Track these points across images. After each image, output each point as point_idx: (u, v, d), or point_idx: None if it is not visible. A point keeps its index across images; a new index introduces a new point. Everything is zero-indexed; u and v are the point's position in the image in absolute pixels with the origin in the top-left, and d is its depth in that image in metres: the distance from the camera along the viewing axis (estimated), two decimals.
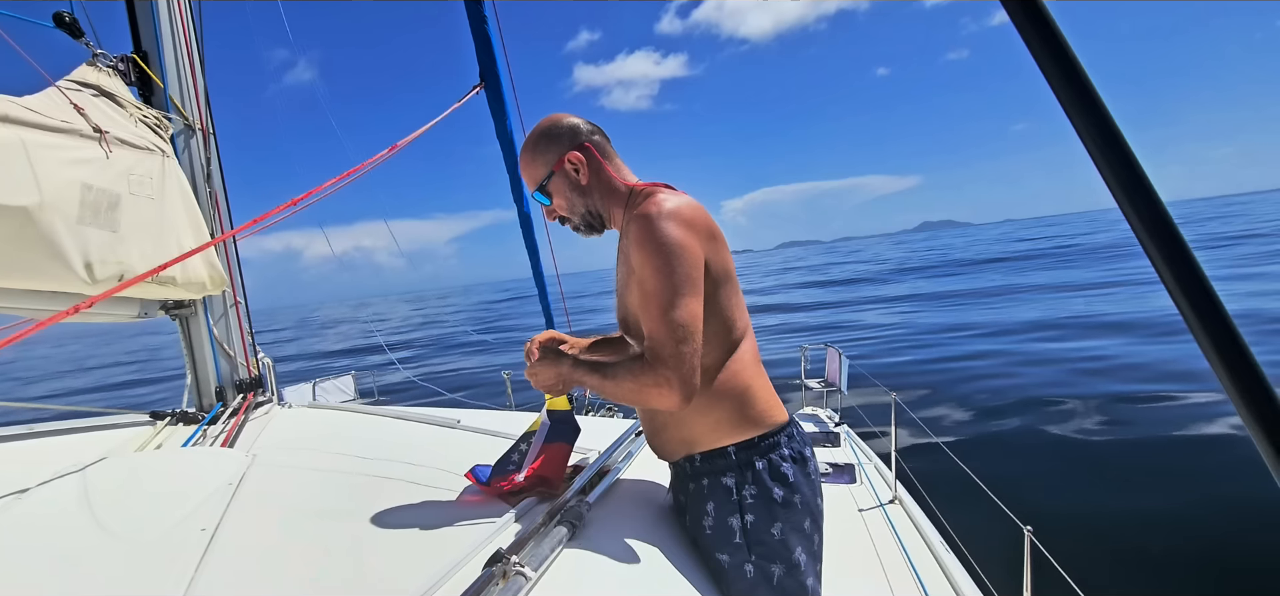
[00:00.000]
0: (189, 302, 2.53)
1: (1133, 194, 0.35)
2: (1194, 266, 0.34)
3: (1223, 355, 0.34)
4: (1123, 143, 0.35)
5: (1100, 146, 0.35)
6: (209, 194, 2.59)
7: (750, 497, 1.22)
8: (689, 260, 1.16)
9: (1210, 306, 0.34)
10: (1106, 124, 0.35)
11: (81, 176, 1.99)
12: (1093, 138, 0.35)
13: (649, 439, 1.40)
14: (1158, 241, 0.34)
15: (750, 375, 1.28)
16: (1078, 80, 0.36)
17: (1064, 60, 0.36)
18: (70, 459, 1.64)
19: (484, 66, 3.40)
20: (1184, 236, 0.34)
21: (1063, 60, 0.37)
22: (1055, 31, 0.37)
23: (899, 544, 2.42)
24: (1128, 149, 0.35)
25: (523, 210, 3.78)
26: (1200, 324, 0.35)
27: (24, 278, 1.90)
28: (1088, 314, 13.20)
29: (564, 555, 1.10)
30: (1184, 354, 8.40)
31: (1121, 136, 0.35)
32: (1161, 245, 0.34)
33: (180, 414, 2.41)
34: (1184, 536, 3.99)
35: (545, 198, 1.36)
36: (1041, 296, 16.82)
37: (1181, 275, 0.34)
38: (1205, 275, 0.35)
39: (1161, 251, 0.34)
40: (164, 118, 2.41)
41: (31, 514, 1.34)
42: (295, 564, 1.12)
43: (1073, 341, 10.49)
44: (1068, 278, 21.07)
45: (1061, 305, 14.95)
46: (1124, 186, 0.35)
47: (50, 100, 2.05)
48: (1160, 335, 9.93)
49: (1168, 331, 10.04)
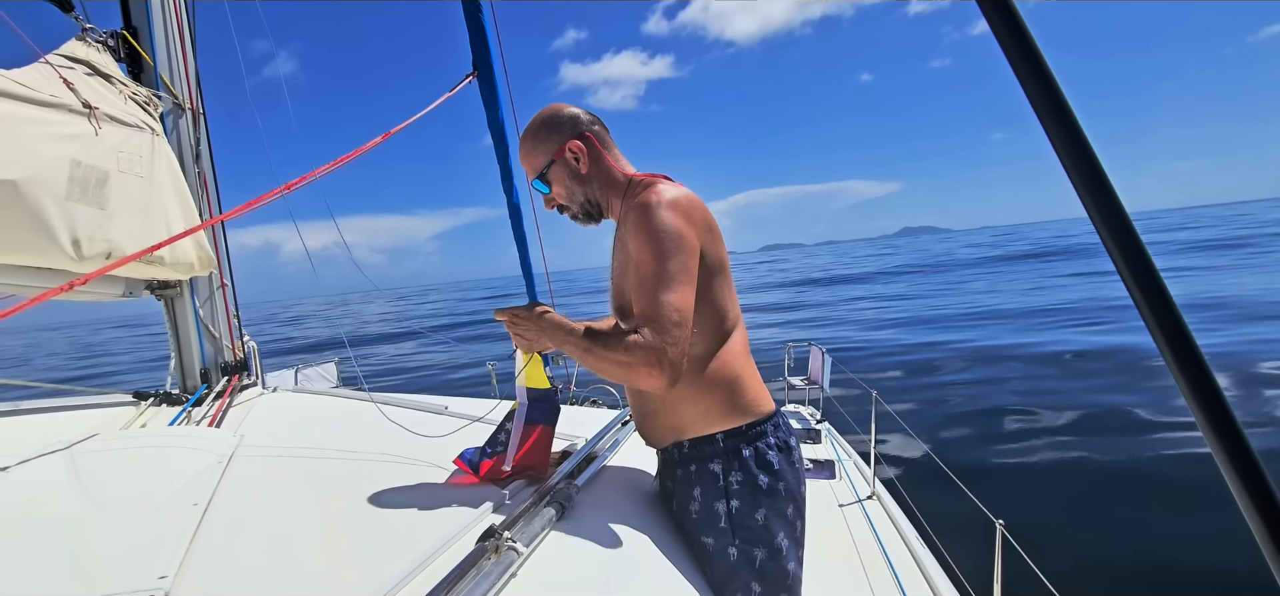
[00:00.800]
0: (175, 283, 2.51)
1: (1096, 195, 0.38)
2: (1148, 262, 0.38)
3: (1171, 344, 0.38)
4: (1088, 148, 0.39)
5: (1068, 150, 0.39)
6: (197, 174, 2.57)
7: (736, 483, 1.26)
8: (686, 249, 1.19)
9: (1162, 300, 0.38)
10: (1074, 129, 0.39)
11: (70, 152, 1.98)
12: (1062, 142, 0.39)
13: (638, 425, 1.44)
14: (1118, 241, 0.38)
15: (740, 365, 1.32)
16: (1049, 87, 0.40)
17: (1036, 67, 0.40)
18: (55, 436, 1.64)
19: (477, 56, 3.39)
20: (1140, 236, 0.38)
21: (1035, 67, 0.40)
22: (1029, 39, 0.40)
23: (877, 539, 2.48)
24: (1093, 154, 0.39)
25: (512, 200, 3.78)
26: (1153, 317, 0.39)
27: (10, 253, 1.88)
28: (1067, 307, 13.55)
29: (553, 534, 1.13)
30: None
31: (1087, 142, 0.39)
32: (1120, 244, 0.38)
33: (164, 395, 2.40)
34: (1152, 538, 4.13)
35: (544, 186, 1.38)
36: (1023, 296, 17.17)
37: (1137, 272, 0.38)
38: (1157, 271, 0.39)
39: (1120, 250, 0.38)
40: (154, 95, 2.39)
41: (19, 490, 1.35)
42: (289, 537, 1.14)
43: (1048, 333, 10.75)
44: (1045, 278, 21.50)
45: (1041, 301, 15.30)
46: (1088, 187, 0.38)
47: (39, 74, 2.03)
48: None
49: None
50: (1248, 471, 0.37)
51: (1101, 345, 9.87)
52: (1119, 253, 0.39)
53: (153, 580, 0.97)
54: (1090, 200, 0.38)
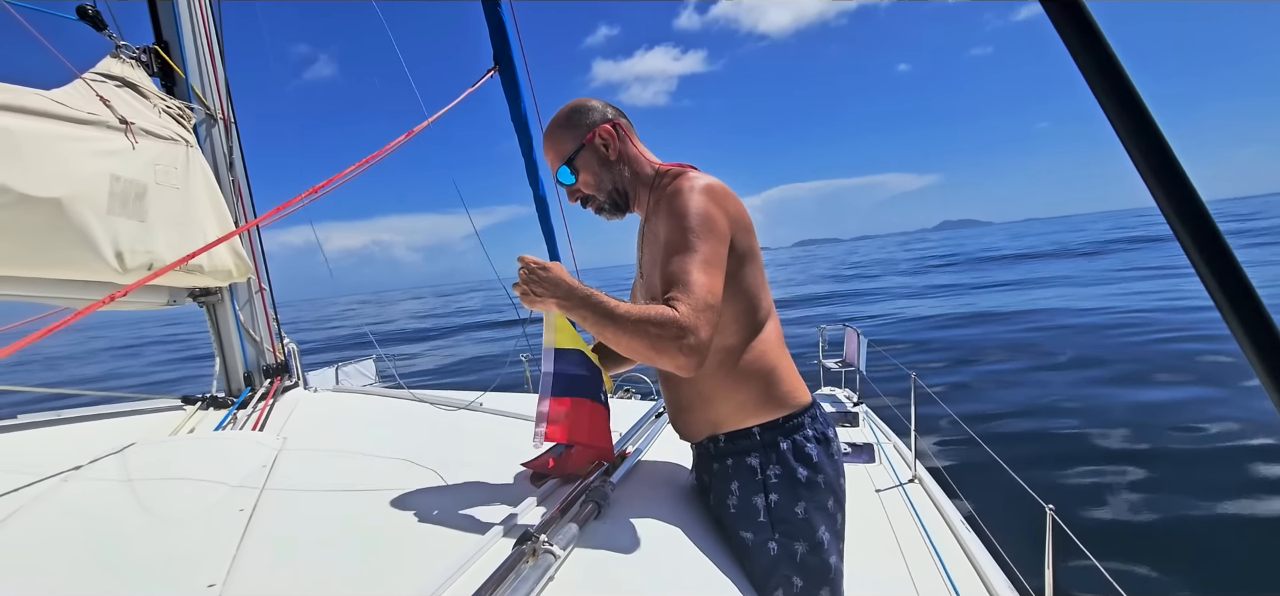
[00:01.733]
0: (216, 290, 2.58)
1: (1170, 189, 0.35)
2: (1231, 260, 0.35)
3: (1258, 346, 0.34)
4: (1161, 140, 0.35)
5: (1138, 143, 0.35)
6: (231, 182, 2.62)
7: (774, 477, 1.23)
8: (717, 235, 1.18)
9: (1246, 297, 0.35)
10: (1145, 120, 0.35)
11: (109, 167, 2.03)
12: (1130, 134, 0.35)
13: (672, 419, 1.42)
14: (1196, 237, 0.35)
15: (775, 356, 1.29)
16: (1115, 75, 0.36)
17: (1102, 55, 0.36)
18: (109, 442, 1.69)
19: (497, 49, 3.38)
20: (1221, 231, 0.35)
21: (1100, 55, 0.37)
22: (1093, 26, 0.36)
23: (919, 523, 2.43)
24: (1166, 146, 0.35)
25: (538, 193, 3.78)
26: (1235, 315, 0.35)
27: (58, 268, 1.95)
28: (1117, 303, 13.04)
29: (591, 533, 1.13)
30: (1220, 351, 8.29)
31: (1160, 132, 0.35)
32: (1199, 241, 0.35)
33: (211, 398, 2.47)
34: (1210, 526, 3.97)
35: (571, 174, 1.36)
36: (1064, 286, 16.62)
37: (1218, 269, 0.35)
38: (1242, 268, 0.35)
39: (1198, 247, 0.35)
40: (186, 107, 2.44)
41: (77, 496, 1.39)
42: (330, 544, 1.15)
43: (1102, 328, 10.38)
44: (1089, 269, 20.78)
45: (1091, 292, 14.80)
46: (1162, 183, 0.35)
47: (76, 92, 2.08)
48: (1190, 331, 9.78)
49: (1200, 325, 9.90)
50: None
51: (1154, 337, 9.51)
52: (1195, 246, 0.35)
53: (202, 588, 0.99)
54: (1162, 190, 0.35)
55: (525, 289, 1.20)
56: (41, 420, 2.15)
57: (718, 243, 1.17)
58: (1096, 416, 6.05)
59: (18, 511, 1.29)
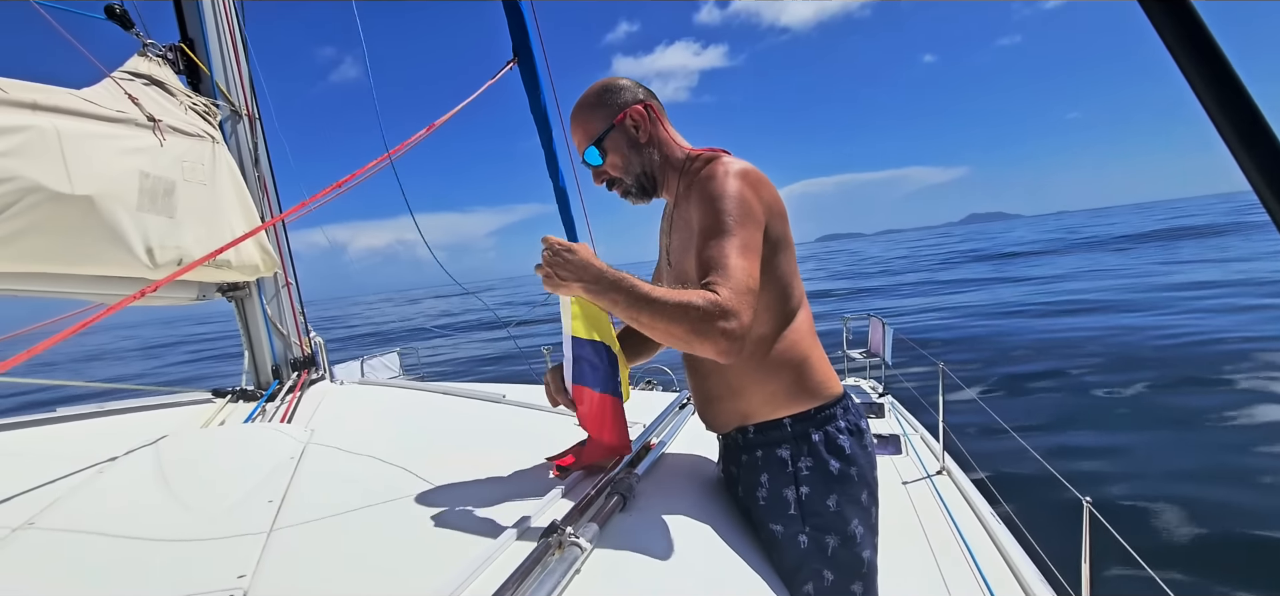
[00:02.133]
0: (243, 284, 2.61)
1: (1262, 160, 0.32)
2: None
3: None
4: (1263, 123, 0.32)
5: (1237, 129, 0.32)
6: (257, 177, 2.65)
7: (806, 469, 1.21)
8: (753, 221, 1.15)
9: None
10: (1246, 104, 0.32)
11: (139, 164, 2.06)
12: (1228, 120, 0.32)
13: (699, 409, 1.40)
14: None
15: (807, 346, 1.26)
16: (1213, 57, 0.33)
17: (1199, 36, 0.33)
18: (142, 435, 1.72)
19: (516, 41, 3.38)
20: None
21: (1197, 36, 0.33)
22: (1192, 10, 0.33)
23: (947, 515, 2.39)
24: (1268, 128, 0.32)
25: (558, 184, 3.77)
26: None
27: (90, 264, 1.98)
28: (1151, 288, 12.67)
29: (616, 526, 1.11)
30: None
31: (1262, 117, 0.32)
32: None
33: (240, 391, 2.50)
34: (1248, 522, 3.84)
35: (598, 155, 1.31)
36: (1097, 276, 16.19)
37: None
38: None
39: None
40: (212, 104, 2.46)
41: (112, 487, 1.42)
42: (358, 534, 1.16)
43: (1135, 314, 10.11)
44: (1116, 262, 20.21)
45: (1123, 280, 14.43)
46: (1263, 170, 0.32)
47: (106, 91, 2.11)
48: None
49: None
50: None
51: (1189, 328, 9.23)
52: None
53: (232, 579, 0.99)
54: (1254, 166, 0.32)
55: (548, 271, 1.13)
56: (76, 413, 2.20)
57: (754, 228, 1.14)
58: (1136, 413, 5.88)
59: (56, 502, 1.32)
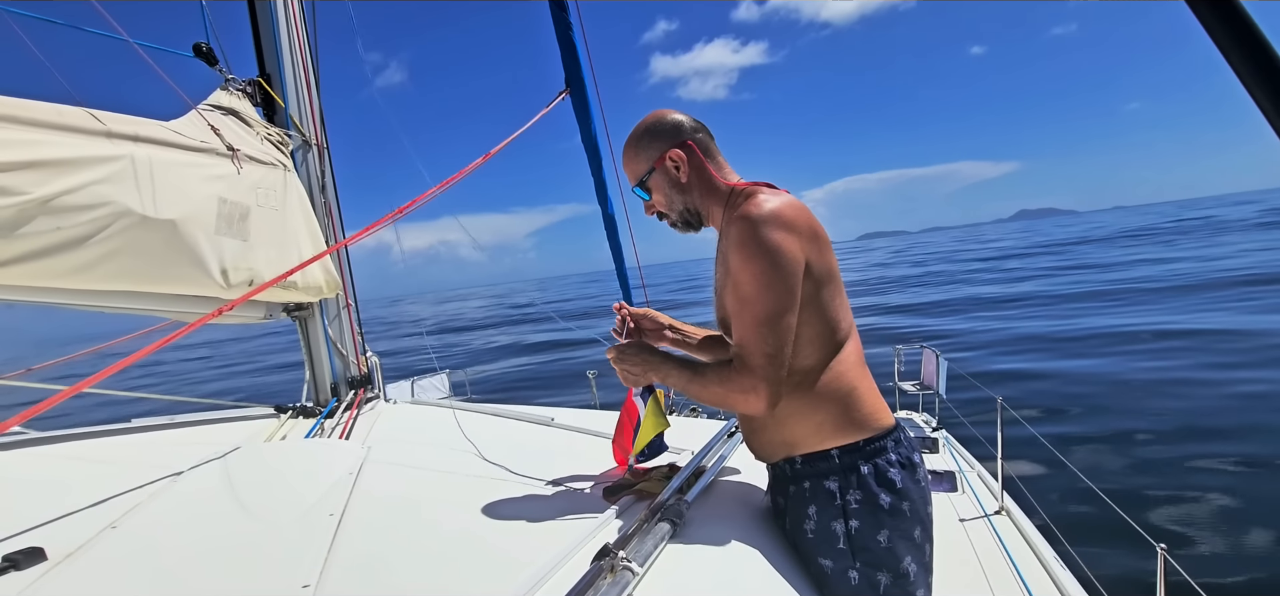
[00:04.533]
0: (307, 305, 2.73)
1: None
2: None
3: None
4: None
5: None
6: (324, 204, 2.79)
7: (855, 503, 1.19)
8: (787, 267, 1.15)
9: None
10: None
11: (218, 191, 2.20)
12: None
13: (747, 439, 1.40)
14: None
15: (855, 377, 1.24)
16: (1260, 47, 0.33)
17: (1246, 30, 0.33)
18: (211, 447, 1.82)
19: (569, 73, 3.47)
20: None
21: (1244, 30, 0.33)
22: None
23: (1007, 557, 2.28)
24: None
25: (607, 211, 3.83)
26: None
27: (171, 283, 2.12)
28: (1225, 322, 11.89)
29: (667, 552, 1.11)
30: None
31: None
32: None
33: (300, 408, 2.61)
34: None
35: (645, 193, 1.38)
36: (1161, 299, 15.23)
37: None
38: None
39: None
40: (285, 135, 2.61)
41: (184, 495, 1.50)
42: (415, 550, 1.19)
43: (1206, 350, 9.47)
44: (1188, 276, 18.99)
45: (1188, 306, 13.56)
46: None
47: (191, 123, 2.27)
48: None
49: None
50: None
51: None
52: None
53: (297, 588, 1.04)
54: None
55: (621, 371, 1.39)
56: (152, 424, 2.33)
57: (787, 275, 1.15)
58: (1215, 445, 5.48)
59: (136, 508, 1.40)
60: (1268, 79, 0.33)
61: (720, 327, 1.42)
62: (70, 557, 1.17)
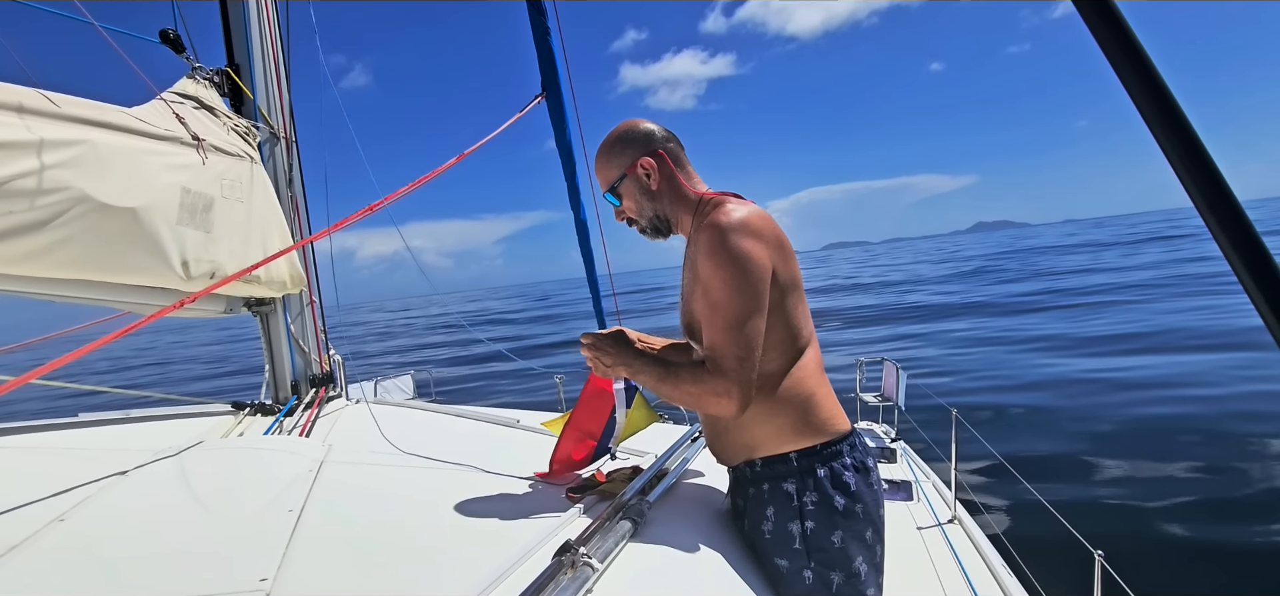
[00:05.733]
0: (269, 300, 2.69)
1: (1212, 199, 0.35)
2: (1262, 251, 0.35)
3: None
4: (1199, 145, 0.36)
5: (1176, 147, 0.36)
6: (290, 198, 2.75)
7: (811, 504, 1.23)
8: (755, 273, 1.19)
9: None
10: (1181, 124, 0.36)
11: (181, 180, 2.16)
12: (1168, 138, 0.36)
13: (709, 442, 1.43)
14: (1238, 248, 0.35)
15: (814, 383, 1.29)
16: (1150, 77, 0.37)
17: (1135, 56, 0.37)
18: (165, 442, 1.78)
19: (546, 77, 3.49)
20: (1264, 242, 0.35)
21: (1134, 56, 0.38)
22: (1126, 28, 0.38)
23: (959, 565, 2.36)
24: (1205, 153, 0.36)
25: (579, 217, 3.84)
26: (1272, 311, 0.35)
27: (129, 273, 2.06)
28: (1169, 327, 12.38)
29: (628, 550, 1.14)
30: None
31: (1197, 139, 0.36)
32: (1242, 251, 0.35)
33: (259, 405, 2.56)
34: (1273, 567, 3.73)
35: (615, 199, 1.41)
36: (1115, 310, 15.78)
37: (1263, 281, 0.35)
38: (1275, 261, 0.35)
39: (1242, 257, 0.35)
40: (253, 126, 2.58)
41: (137, 489, 1.47)
42: (375, 546, 1.19)
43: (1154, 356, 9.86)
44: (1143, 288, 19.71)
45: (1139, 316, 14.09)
46: (1202, 190, 0.35)
47: (155, 110, 2.22)
48: None
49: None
50: None
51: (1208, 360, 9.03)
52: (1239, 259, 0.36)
53: (254, 581, 1.03)
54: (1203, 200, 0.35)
55: (593, 360, 1.39)
56: (104, 418, 2.26)
57: (756, 281, 1.19)
58: (1153, 450, 5.74)
59: (81, 504, 1.37)
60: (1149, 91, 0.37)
61: (686, 333, 1.45)
62: (14, 550, 1.15)
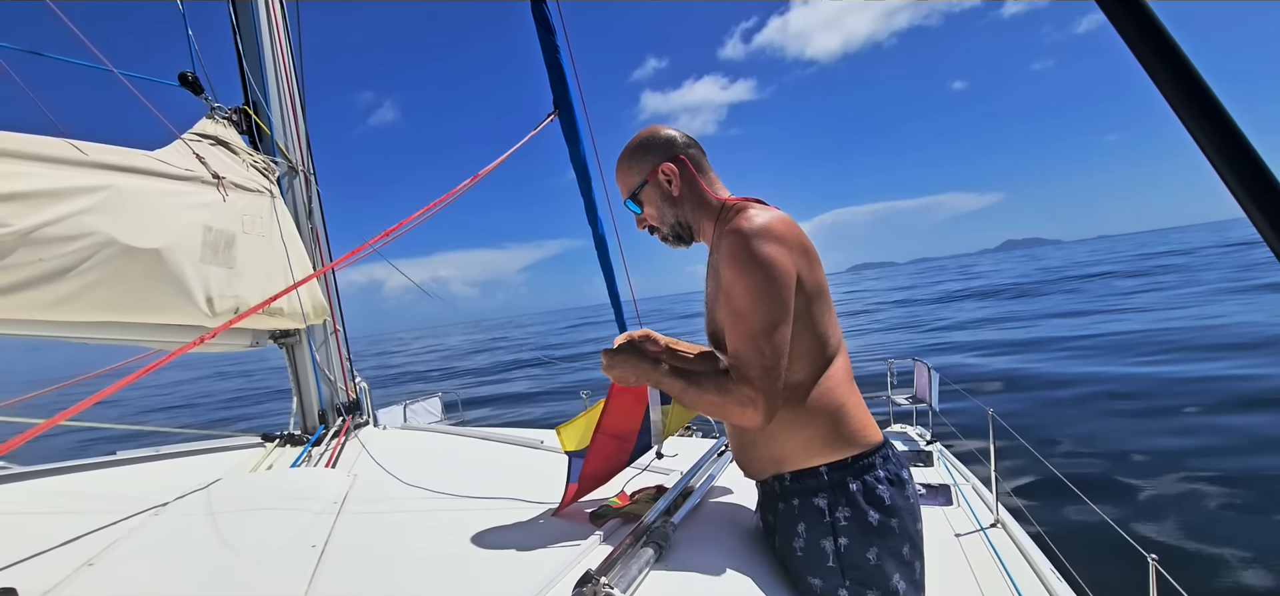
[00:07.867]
0: (294, 331, 2.71)
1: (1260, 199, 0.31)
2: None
3: None
4: (1247, 145, 0.32)
5: (1221, 150, 0.32)
6: (310, 230, 2.78)
7: (844, 520, 1.17)
8: (780, 280, 1.15)
9: None
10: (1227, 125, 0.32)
11: (203, 218, 2.19)
12: (1212, 142, 0.32)
13: (736, 456, 1.39)
14: None
15: (843, 393, 1.24)
16: (1190, 81, 0.33)
17: (1175, 61, 0.33)
18: (196, 478, 1.79)
19: (557, 94, 3.49)
20: None
21: (1173, 61, 0.34)
22: (1164, 33, 0.34)
23: (1003, 570, 2.27)
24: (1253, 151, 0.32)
25: (598, 231, 3.83)
26: None
27: (155, 313, 2.10)
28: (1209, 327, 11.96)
29: (651, 578, 1.10)
30: None
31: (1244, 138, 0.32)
32: None
33: (287, 436, 2.58)
34: None
35: (637, 206, 1.39)
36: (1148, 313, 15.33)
37: None
38: None
39: None
40: (271, 162, 2.61)
41: (164, 530, 1.47)
42: (397, 579, 1.17)
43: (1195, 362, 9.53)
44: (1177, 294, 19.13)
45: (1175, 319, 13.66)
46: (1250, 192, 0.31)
47: (176, 151, 2.27)
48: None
49: None
50: None
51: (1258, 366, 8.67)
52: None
53: None
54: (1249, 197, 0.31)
55: (610, 371, 1.35)
56: (136, 457, 2.29)
57: (780, 287, 1.15)
58: (1206, 457, 5.50)
59: (115, 543, 1.37)
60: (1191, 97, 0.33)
61: (711, 342, 1.41)
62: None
